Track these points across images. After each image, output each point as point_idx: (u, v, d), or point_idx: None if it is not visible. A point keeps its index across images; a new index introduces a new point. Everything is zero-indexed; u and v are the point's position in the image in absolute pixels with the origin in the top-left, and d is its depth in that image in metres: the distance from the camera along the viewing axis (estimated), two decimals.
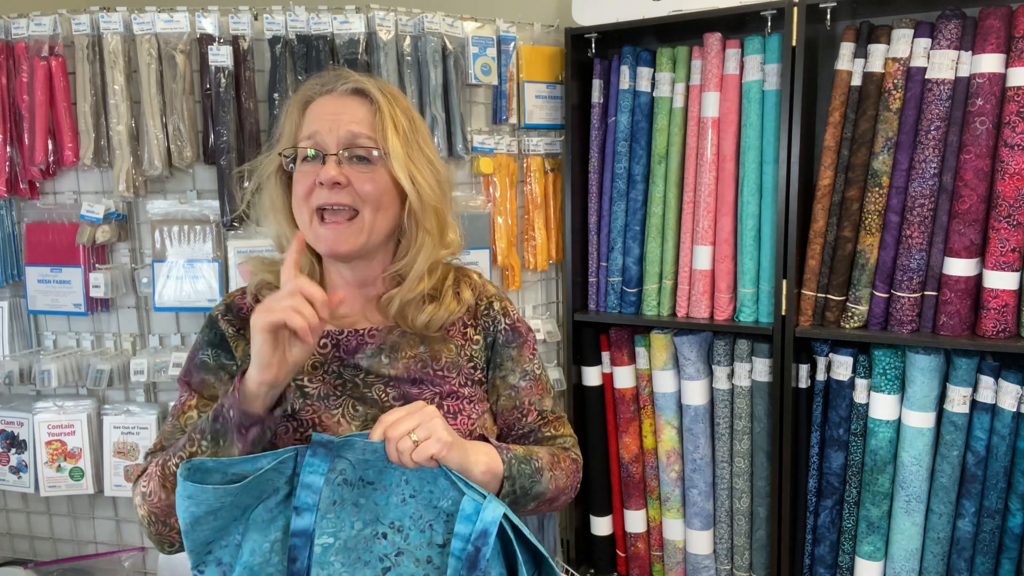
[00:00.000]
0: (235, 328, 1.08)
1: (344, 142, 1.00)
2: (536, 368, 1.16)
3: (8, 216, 1.88)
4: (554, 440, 1.15)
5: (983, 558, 1.73)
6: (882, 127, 1.74)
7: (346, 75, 1.05)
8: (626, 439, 2.14)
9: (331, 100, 1.03)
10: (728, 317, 1.98)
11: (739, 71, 1.91)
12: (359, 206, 1.00)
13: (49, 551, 2.01)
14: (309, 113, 1.04)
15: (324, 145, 1.00)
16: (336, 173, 0.98)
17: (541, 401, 1.15)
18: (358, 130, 1.01)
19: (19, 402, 1.93)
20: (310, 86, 1.06)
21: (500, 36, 2.02)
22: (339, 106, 1.02)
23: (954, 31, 1.65)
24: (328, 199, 0.99)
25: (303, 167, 1.01)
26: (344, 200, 0.99)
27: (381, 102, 1.03)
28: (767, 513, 1.97)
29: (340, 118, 1.01)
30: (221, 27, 1.78)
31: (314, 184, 0.99)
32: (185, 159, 1.78)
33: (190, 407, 1.05)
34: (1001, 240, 1.64)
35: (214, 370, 1.07)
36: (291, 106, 1.07)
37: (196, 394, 1.06)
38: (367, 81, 1.04)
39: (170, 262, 1.83)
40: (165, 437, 1.05)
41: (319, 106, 1.03)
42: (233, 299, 1.12)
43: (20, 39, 1.78)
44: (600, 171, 2.08)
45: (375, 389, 1.04)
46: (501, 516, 0.89)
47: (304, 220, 1.01)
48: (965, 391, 1.70)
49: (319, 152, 1.00)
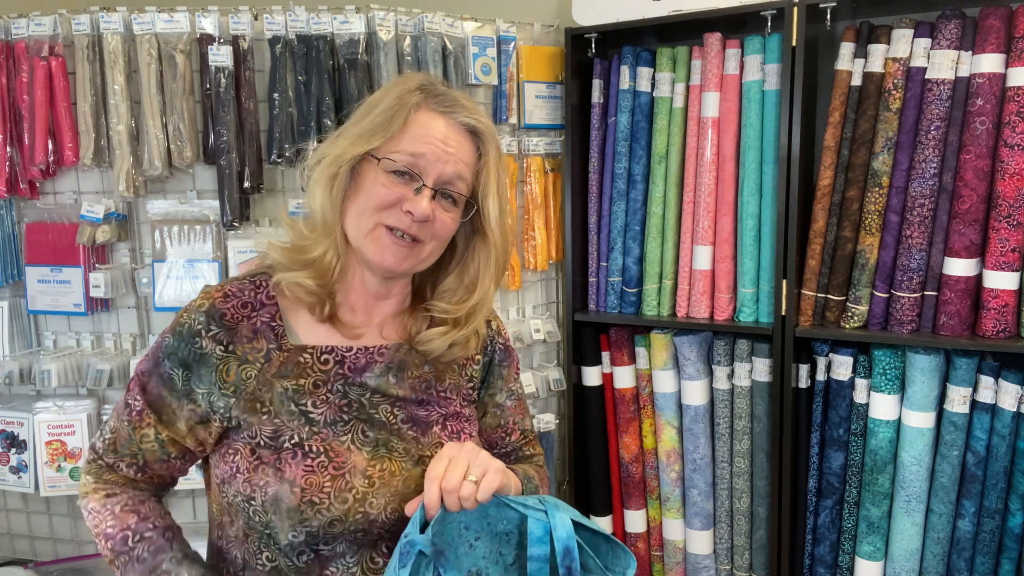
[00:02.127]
0: (223, 346, 0.96)
1: (446, 180, 0.96)
2: (519, 388, 1.16)
3: (8, 216, 1.88)
4: (531, 459, 1.16)
5: (983, 558, 1.73)
6: (882, 127, 1.74)
7: (462, 104, 0.99)
8: (626, 439, 2.14)
9: (444, 124, 0.97)
10: (728, 317, 1.98)
11: (739, 71, 1.91)
12: (427, 240, 0.98)
13: (49, 551, 2.01)
14: (415, 125, 0.96)
15: (425, 173, 0.95)
16: (429, 211, 0.95)
17: (523, 420, 1.16)
18: (462, 172, 0.98)
19: (19, 402, 1.93)
20: (423, 89, 0.99)
21: (500, 36, 2.02)
22: (450, 136, 0.97)
23: (954, 31, 1.65)
24: (408, 227, 0.95)
25: (390, 177, 0.95)
26: (421, 235, 0.96)
27: (490, 153, 1.00)
28: (767, 513, 1.97)
29: (449, 152, 0.96)
30: (221, 27, 1.78)
31: (396, 203, 0.95)
32: (185, 159, 1.78)
33: (147, 425, 0.97)
34: (1001, 240, 1.64)
35: (179, 394, 0.96)
36: (397, 101, 0.97)
37: (151, 409, 0.97)
38: (485, 122, 1.00)
39: (170, 262, 1.83)
40: (119, 444, 0.99)
41: (430, 124, 0.97)
42: (213, 301, 0.98)
43: (20, 39, 1.78)
44: (600, 171, 2.08)
45: (382, 410, 0.99)
46: (571, 525, 0.91)
47: (366, 226, 0.96)
48: (965, 391, 1.70)
49: (418, 178, 0.95)
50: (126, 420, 0.99)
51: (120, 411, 1.00)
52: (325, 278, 0.98)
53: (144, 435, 0.98)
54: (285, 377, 0.96)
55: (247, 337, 0.97)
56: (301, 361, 0.97)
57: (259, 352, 0.97)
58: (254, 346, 0.97)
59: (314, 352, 0.98)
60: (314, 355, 0.98)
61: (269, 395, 0.96)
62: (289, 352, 0.98)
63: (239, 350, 0.96)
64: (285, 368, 0.97)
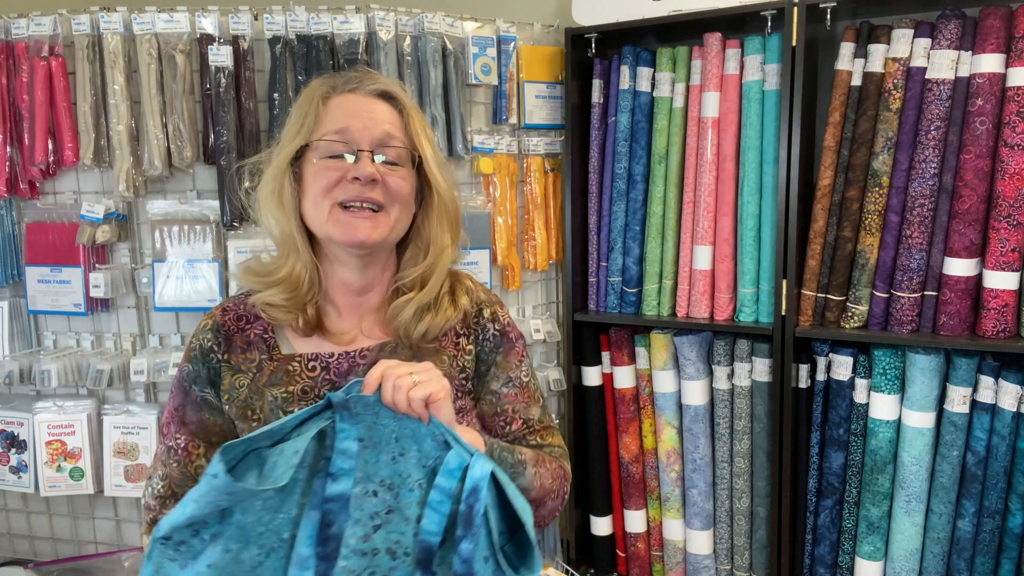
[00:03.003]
0: (222, 356, 1.02)
1: (378, 141, 0.98)
2: (523, 375, 1.11)
3: (8, 216, 1.88)
4: (540, 448, 1.09)
5: (983, 558, 1.73)
6: (882, 127, 1.74)
7: (372, 76, 1.02)
8: (626, 439, 2.14)
9: (358, 98, 1.00)
10: (728, 317, 1.98)
11: (739, 71, 1.91)
12: (387, 204, 0.98)
13: (49, 551, 2.01)
14: (333, 109, 1.00)
15: (357, 141, 0.97)
16: (374, 170, 0.96)
17: (527, 410, 1.10)
18: (390, 131, 0.99)
19: (19, 402, 1.93)
20: (330, 81, 1.03)
21: (500, 36, 2.02)
22: (369, 105, 1.00)
23: (954, 31, 1.65)
24: (360, 195, 0.96)
25: (326, 162, 0.97)
26: (376, 197, 0.97)
27: (409, 108, 1.02)
28: (767, 513, 1.97)
29: (373, 117, 0.99)
30: (221, 27, 1.78)
31: (341, 179, 0.96)
32: (185, 159, 1.78)
33: (198, 456, 1.00)
34: (1001, 240, 1.64)
35: (217, 411, 1.02)
36: (305, 100, 1.01)
37: (197, 438, 1.01)
38: (394, 85, 1.03)
39: (170, 262, 1.83)
40: (175, 485, 1.00)
41: (346, 103, 1.00)
42: (215, 318, 1.05)
43: (20, 39, 1.78)
44: (600, 171, 2.08)
45: None
46: (490, 473, 0.87)
47: (323, 212, 0.97)
48: (965, 391, 1.70)
49: (352, 148, 0.97)
50: (174, 461, 1.01)
51: (164, 458, 1.02)
52: (297, 291, 1.01)
53: (198, 466, 1.00)
54: (275, 385, 0.99)
55: (241, 348, 1.02)
56: (290, 369, 1.00)
57: (252, 363, 1.01)
58: (247, 356, 1.01)
59: (302, 360, 1.01)
60: (302, 363, 1.01)
61: (260, 403, 0.99)
62: (279, 361, 1.00)
63: (233, 359, 1.01)
64: (275, 376, 0.99)
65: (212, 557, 0.84)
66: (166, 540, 0.84)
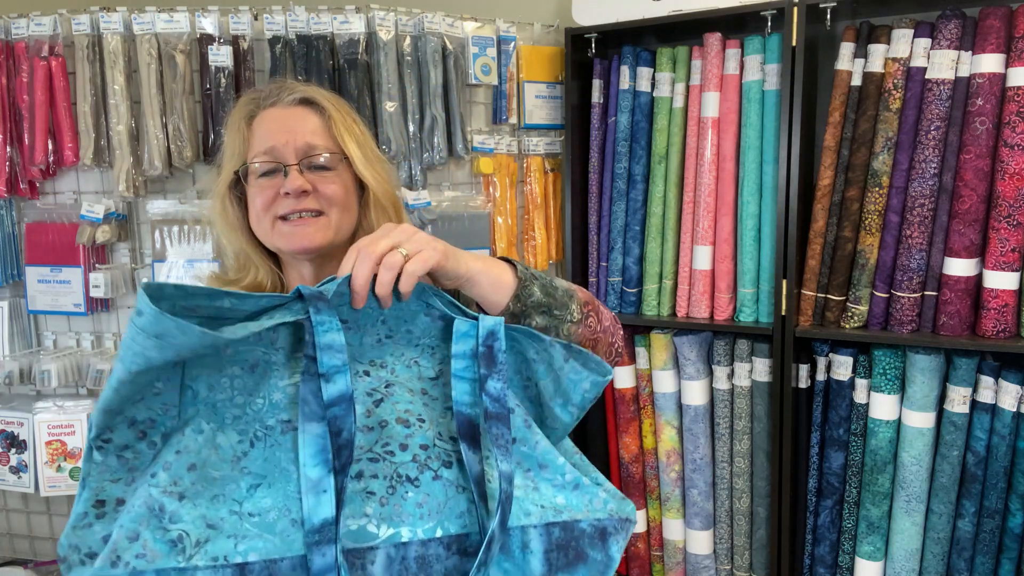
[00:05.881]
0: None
1: (302, 152, 1.00)
2: None
3: (8, 216, 1.88)
4: None
5: (983, 558, 1.73)
6: (882, 127, 1.74)
7: (290, 86, 1.04)
8: (626, 439, 2.14)
9: (279, 112, 1.03)
10: (728, 317, 1.98)
11: (739, 71, 1.91)
12: (325, 209, 1.00)
13: (49, 551, 2.01)
14: (257, 128, 1.03)
15: (283, 157, 1.00)
16: (303, 182, 0.98)
17: None
18: (314, 140, 1.01)
19: (19, 402, 1.92)
20: (250, 100, 1.05)
21: (500, 36, 2.02)
22: (290, 117, 1.02)
23: (954, 31, 1.65)
24: (295, 207, 0.98)
25: (260, 182, 1.00)
26: (311, 206, 0.99)
27: (331, 110, 1.03)
28: (767, 513, 1.97)
29: (295, 130, 1.00)
30: (221, 27, 1.78)
31: (275, 195, 0.99)
32: (185, 159, 1.78)
33: None
34: (1001, 240, 1.64)
35: None
36: (233, 123, 1.05)
37: None
38: (312, 90, 1.04)
39: (170, 262, 1.83)
40: None
41: (269, 119, 1.02)
42: None
43: (20, 39, 1.78)
44: (600, 171, 2.08)
45: None
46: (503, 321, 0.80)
47: (266, 228, 1.01)
48: (965, 391, 1.70)
49: (279, 166, 0.99)
50: None
51: None
52: None
53: None
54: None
55: None
56: None
57: None
58: None
59: None
60: None
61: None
62: None
63: None
64: None
65: (180, 443, 0.70)
66: (103, 445, 0.69)
